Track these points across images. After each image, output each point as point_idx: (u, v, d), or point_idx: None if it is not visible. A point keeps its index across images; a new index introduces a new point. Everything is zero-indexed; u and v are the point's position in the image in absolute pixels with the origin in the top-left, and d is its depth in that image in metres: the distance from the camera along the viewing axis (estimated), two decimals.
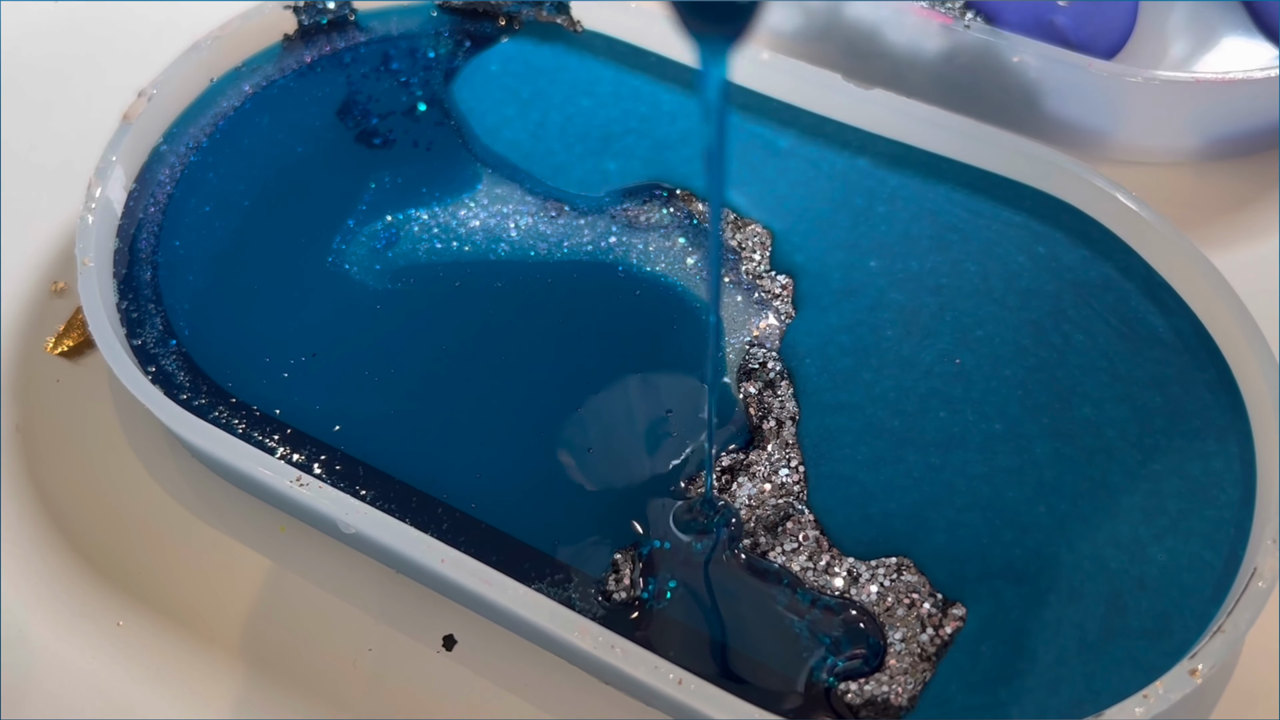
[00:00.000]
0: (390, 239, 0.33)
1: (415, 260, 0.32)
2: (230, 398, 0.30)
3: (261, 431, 0.29)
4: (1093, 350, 0.30)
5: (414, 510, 0.28)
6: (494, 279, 0.32)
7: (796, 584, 0.27)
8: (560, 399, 0.30)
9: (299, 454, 0.29)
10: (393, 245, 0.33)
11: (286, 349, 0.31)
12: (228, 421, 0.29)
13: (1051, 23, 0.36)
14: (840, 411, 0.29)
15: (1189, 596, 0.26)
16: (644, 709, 0.27)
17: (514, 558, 0.27)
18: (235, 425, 0.29)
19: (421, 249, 0.32)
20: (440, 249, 0.32)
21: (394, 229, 0.33)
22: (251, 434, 0.29)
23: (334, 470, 0.29)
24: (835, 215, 0.33)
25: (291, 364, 0.30)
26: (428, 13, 0.37)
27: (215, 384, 0.30)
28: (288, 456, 0.29)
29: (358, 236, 0.33)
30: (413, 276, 0.32)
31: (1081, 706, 0.25)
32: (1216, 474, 0.28)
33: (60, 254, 0.35)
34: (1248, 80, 0.33)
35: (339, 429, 0.29)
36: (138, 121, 0.33)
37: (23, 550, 0.30)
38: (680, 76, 0.36)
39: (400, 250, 0.32)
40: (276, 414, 0.30)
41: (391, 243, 0.33)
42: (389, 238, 0.33)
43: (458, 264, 0.32)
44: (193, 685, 0.28)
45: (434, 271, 0.32)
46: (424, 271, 0.32)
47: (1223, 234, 0.34)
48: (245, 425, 0.29)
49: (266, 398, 0.30)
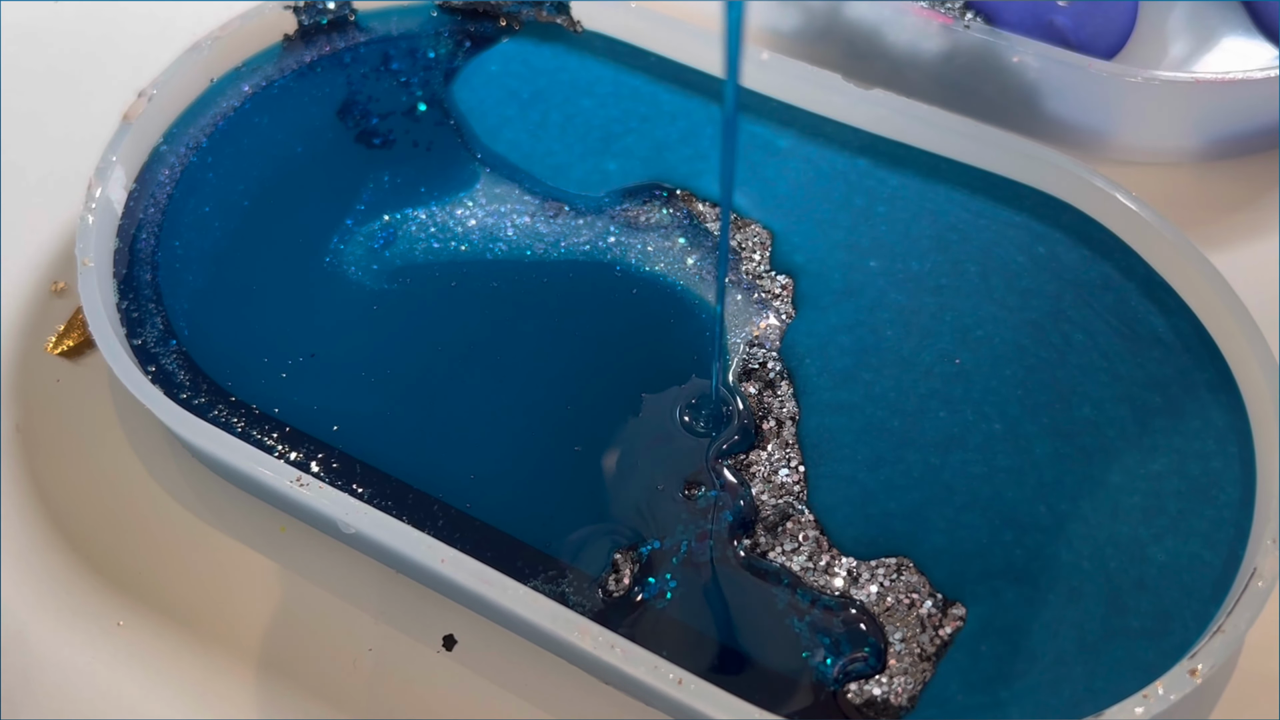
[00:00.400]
0: (390, 239, 0.33)
1: (415, 260, 0.32)
2: (230, 398, 0.30)
3: (261, 431, 0.29)
4: (1093, 350, 0.30)
5: (414, 510, 0.28)
6: (493, 279, 0.32)
7: (796, 584, 0.27)
8: (560, 398, 0.30)
9: (299, 454, 0.29)
10: (392, 245, 0.33)
11: (286, 349, 0.31)
12: (228, 421, 0.29)
13: (1051, 23, 0.36)
14: (840, 411, 0.29)
15: (1189, 596, 0.26)
16: (644, 709, 0.27)
17: (514, 557, 0.27)
18: (235, 425, 0.29)
19: (421, 249, 0.32)
20: (440, 249, 0.32)
21: (394, 229, 0.33)
22: (251, 434, 0.29)
23: (334, 470, 0.29)
24: (835, 215, 0.33)
25: (291, 364, 0.30)
26: (428, 13, 0.37)
27: (215, 384, 0.30)
28: (287, 456, 0.29)
29: (357, 236, 0.33)
30: (412, 276, 0.32)
31: (1081, 706, 0.25)
32: (1216, 474, 0.28)
33: (60, 254, 0.35)
34: (1248, 80, 0.33)
35: (339, 429, 0.29)
36: (138, 121, 0.33)
37: (23, 550, 0.30)
38: (680, 76, 0.36)
39: (400, 250, 0.32)
40: (276, 414, 0.30)
41: (391, 243, 0.33)
42: (389, 238, 0.33)
43: (457, 264, 0.32)
44: (193, 685, 0.28)
45: (433, 271, 0.32)
46: (424, 271, 0.32)
47: (1223, 234, 0.34)
48: (245, 425, 0.29)
49: (266, 397, 0.30)
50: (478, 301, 0.31)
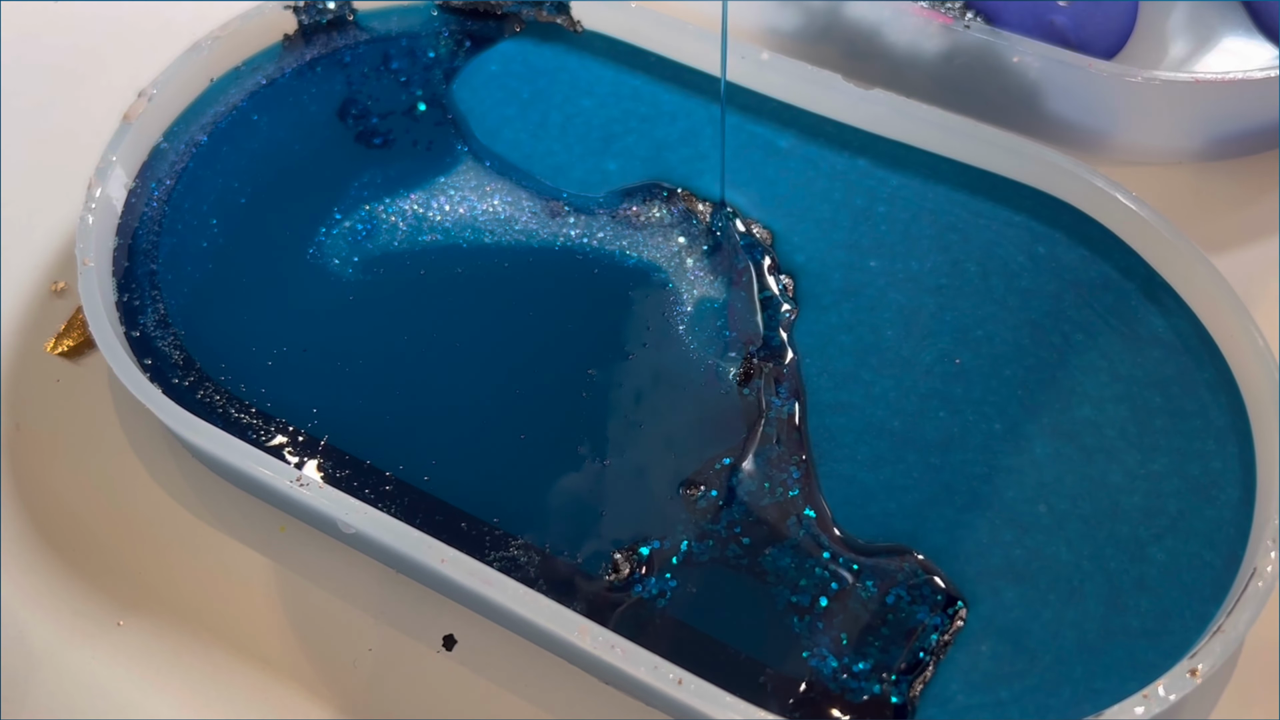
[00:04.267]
0: (390, 239, 0.33)
1: (415, 260, 0.32)
2: (231, 397, 0.30)
3: (262, 431, 0.29)
4: (1093, 350, 0.30)
5: (414, 509, 0.28)
6: (493, 279, 0.32)
7: (796, 584, 0.27)
8: (560, 398, 0.30)
9: (299, 454, 0.29)
10: (392, 245, 0.33)
11: (287, 349, 0.31)
12: (228, 421, 0.29)
13: (1051, 23, 0.36)
14: (840, 411, 0.29)
15: (1189, 596, 0.26)
16: (644, 709, 0.27)
17: (514, 557, 0.27)
18: (235, 425, 0.29)
19: (421, 249, 0.32)
20: (439, 248, 0.32)
21: (393, 229, 0.33)
22: (252, 434, 0.29)
23: (334, 470, 0.29)
24: (835, 215, 0.33)
25: (292, 364, 0.30)
26: (428, 12, 0.37)
27: (216, 384, 0.30)
28: (288, 456, 0.29)
29: (357, 236, 0.33)
30: (413, 276, 0.32)
31: (1081, 706, 0.25)
32: (1216, 474, 0.28)
33: (60, 254, 0.35)
34: (1248, 80, 0.33)
35: (340, 429, 0.29)
36: (138, 121, 0.33)
37: (23, 550, 0.30)
38: (680, 76, 0.36)
39: (400, 250, 0.32)
40: (277, 413, 0.30)
41: (391, 243, 0.33)
42: (389, 238, 0.33)
43: (457, 263, 0.32)
44: (193, 685, 0.28)
45: (433, 271, 0.32)
46: (424, 271, 0.32)
47: (1223, 234, 0.34)
48: (246, 425, 0.29)
49: (267, 397, 0.30)
50: (478, 301, 0.31)
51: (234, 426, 0.29)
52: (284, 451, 0.29)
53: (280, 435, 0.29)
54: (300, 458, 0.29)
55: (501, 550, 0.27)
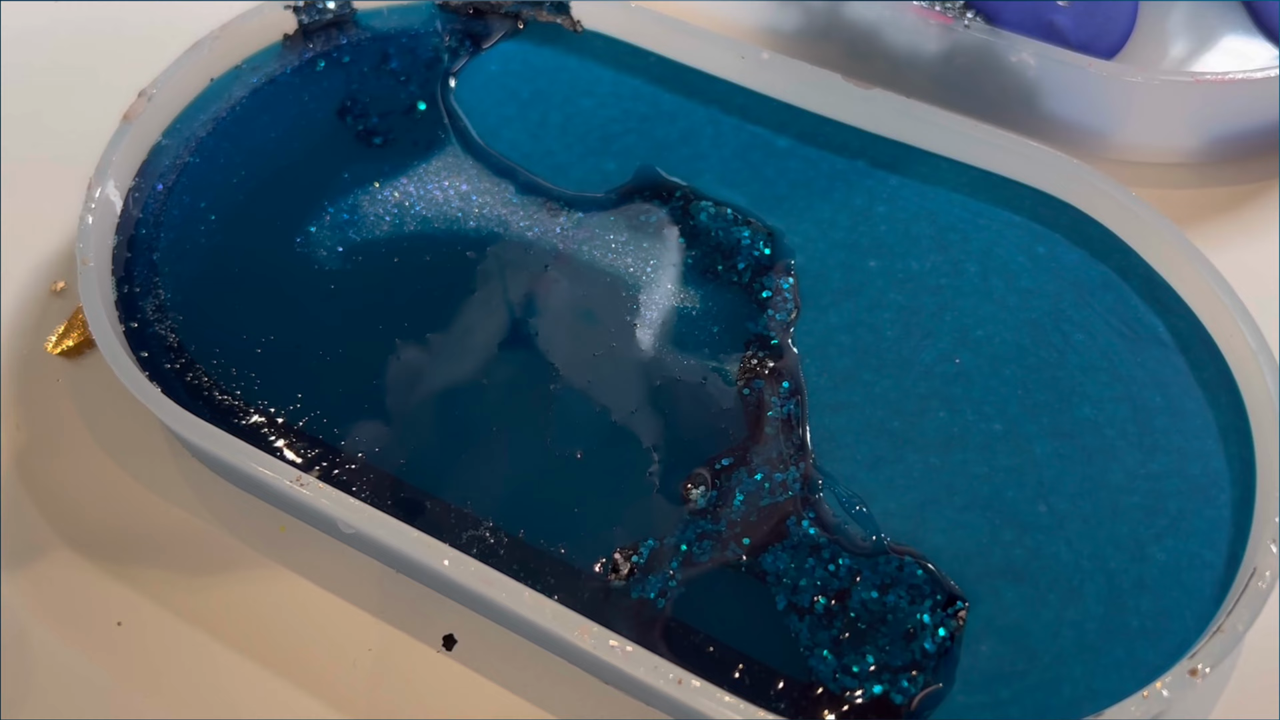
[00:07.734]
0: (390, 239, 0.33)
1: (415, 260, 0.32)
2: (231, 397, 0.30)
3: (261, 431, 0.29)
4: (1093, 350, 0.30)
5: (414, 509, 0.28)
6: (493, 279, 0.32)
7: (796, 584, 0.27)
8: (560, 398, 0.30)
9: (299, 453, 0.29)
10: (392, 245, 0.33)
11: (287, 349, 0.31)
12: (228, 421, 0.29)
13: (1051, 23, 0.36)
14: (840, 411, 0.29)
15: (1189, 596, 0.26)
16: (644, 709, 0.27)
17: (514, 557, 0.27)
18: (235, 424, 0.29)
19: (420, 248, 0.32)
20: (439, 248, 0.32)
21: (394, 228, 0.33)
22: (251, 433, 0.29)
23: (334, 470, 0.29)
24: (835, 215, 0.33)
25: (291, 363, 0.30)
26: (428, 12, 0.37)
27: (216, 383, 0.30)
28: (287, 456, 0.29)
29: (357, 236, 0.33)
30: (412, 276, 0.32)
31: (1081, 706, 0.25)
32: (1216, 474, 0.28)
33: (60, 254, 0.35)
34: (1248, 80, 0.33)
35: (340, 428, 0.29)
36: (138, 121, 0.33)
37: (23, 550, 0.30)
38: (680, 76, 0.36)
39: (400, 250, 0.32)
40: (277, 413, 0.30)
41: (391, 242, 0.33)
42: (389, 237, 0.33)
43: (457, 264, 0.32)
44: (193, 685, 0.28)
45: (433, 271, 0.32)
46: (423, 271, 0.32)
47: (1223, 234, 0.34)
48: (245, 424, 0.29)
49: (267, 397, 0.30)
50: (477, 301, 0.31)
51: (234, 426, 0.29)
52: (284, 451, 0.29)
53: (280, 435, 0.29)
54: (300, 458, 0.29)
55: (501, 550, 0.27)
